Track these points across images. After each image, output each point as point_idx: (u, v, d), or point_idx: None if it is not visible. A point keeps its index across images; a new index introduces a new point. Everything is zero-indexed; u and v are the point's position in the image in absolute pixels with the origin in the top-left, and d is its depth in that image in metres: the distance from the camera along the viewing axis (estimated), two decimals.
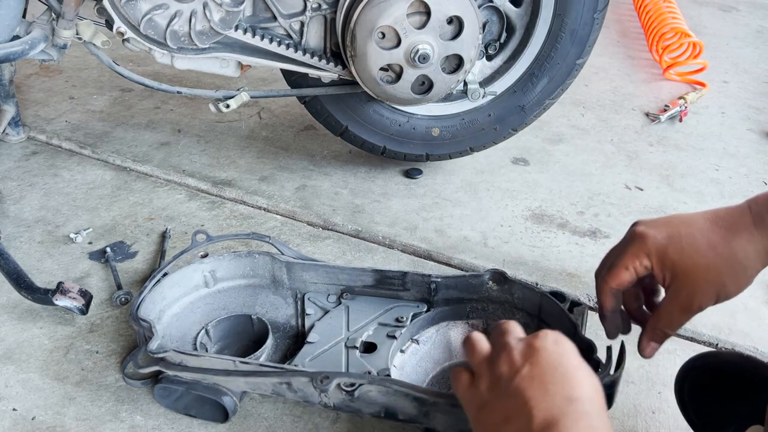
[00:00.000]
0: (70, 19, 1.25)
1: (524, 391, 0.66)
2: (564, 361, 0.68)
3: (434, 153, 1.56)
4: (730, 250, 0.78)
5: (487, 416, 0.69)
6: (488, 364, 0.72)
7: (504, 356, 0.70)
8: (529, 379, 0.66)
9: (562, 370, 0.67)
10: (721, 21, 2.85)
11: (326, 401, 0.92)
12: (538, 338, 0.70)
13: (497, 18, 1.43)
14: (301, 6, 1.31)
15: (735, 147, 1.87)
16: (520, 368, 0.68)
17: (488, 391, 0.70)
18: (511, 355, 0.70)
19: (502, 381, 0.68)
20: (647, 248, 0.81)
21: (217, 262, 1.14)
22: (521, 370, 0.67)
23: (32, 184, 1.51)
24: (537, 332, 0.72)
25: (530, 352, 0.69)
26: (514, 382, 0.67)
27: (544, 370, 0.67)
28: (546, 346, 0.69)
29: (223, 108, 1.40)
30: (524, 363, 0.68)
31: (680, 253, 0.80)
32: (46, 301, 1.11)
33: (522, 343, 0.71)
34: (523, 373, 0.67)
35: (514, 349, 0.70)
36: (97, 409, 1.01)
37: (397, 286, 1.10)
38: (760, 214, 0.79)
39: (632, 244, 0.83)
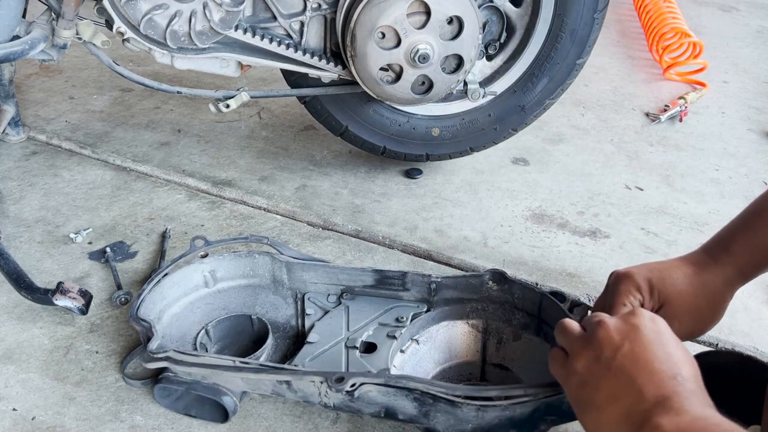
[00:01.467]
0: (70, 19, 1.25)
1: (629, 369, 0.66)
2: (664, 339, 0.69)
3: (434, 153, 1.56)
4: (701, 281, 0.88)
5: (590, 394, 0.69)
6: (584, 342, 0.72)
7: (601, 333, 0.70)
8: (632, 357, 0.67)
9: (663, 349, 0.67)
10: (721, 21, 2.85)
11: (326, 401, 0.92)
12: (636, 315, 0.70)
13: (497, 18, 1.43)
14: (301, 6, 1.31)
15: (735, 147, 1.87)
16: (621, 345, 0.68)
17: (586, 369, 0.70)
18: (609, 332, 0.69)
19: (602, 359, 0.68)
20: (636, 283, 0.88)
21: (217, 262, 1.14)
22: (622, 348, 0.67)
23: (32, 184, 1.51)
24: (632, 310, 0.72)
25: (629, 330, 0.69)
26: (616, 360, 0.67)
27: (646, 347, 0.67)
28: (645, 323, 0.69)
29: (223, 108, 1.40)
30: (623, 340, 0.68)
31: (663, 283, 0.88)
32: (46, 301, 1.11)
33: (619, 320, 0.71)
34: (624, 351, 0.67)
35: (610, 326, 0.70)
36: (97, 409, 1.01)
37: (397, 286, 1.10)
38: (715, 254, 0.90)
39: (622, 283, 0.89)
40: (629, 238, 1.46)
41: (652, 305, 0.88)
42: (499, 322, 1.07)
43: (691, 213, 1.56)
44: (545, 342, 1.03)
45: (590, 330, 0.73)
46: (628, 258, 1.39)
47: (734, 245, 0.89)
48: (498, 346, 1.07)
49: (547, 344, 1.02)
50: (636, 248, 1.43)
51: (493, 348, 1.07)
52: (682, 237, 1.47)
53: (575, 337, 0.74)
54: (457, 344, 1.08)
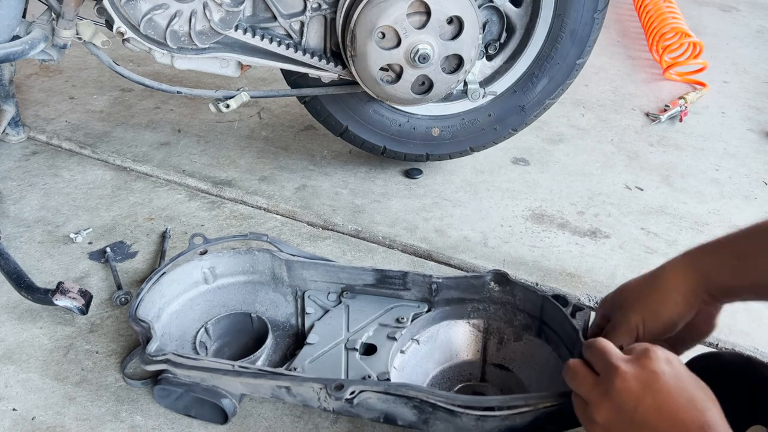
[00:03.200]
0: (70, 19, 1.25)
1: (654, 423, 0.65)
2: (684, 384, 0.67)
3: (434, 153, 1.56)
4: (654, 275, 0.88)
5: None
6: (601, 393, 0.70)
7: (619, 383, 0.68)
8: (655, 411, 0.65)
9: (686, 395, 0.66)
10: (721, 21, 2.85)
11: (326, 406, 0.92)
12: (652, 360, 0.68)
13: (497, 18, 1.43)
14: (301, 6, 1.31)
15: (735, 147, 1.87)
16: (642, 398, 0.66)
17: (608, 421, 0.69)
18: (627, 382, 0.68)
19: (624, 412, 0.67)
20: (603, 304, 0.94)
21: (217, 258, 1.14)
22: (644, 400, 0.66)
23: (32, 184, 1.51)
24: (644, 350, 0.70)
25: (648, 378, 0.67)
26: (639, 414, 0.66)
27: (668, 397, 0.66)
28: (663, 369, 0.68)
29: (223, 108, 1.40)
30: (644, 391, 0.66)
31: (616, 292, 0.92)
32: (46, 301, 1.11)
33: (635, 366, 0.69)
34: (647, 404, 0.66)
35: (628, 375, 0.68)
36: (97, 409, 1.01)
37: (398, 285, 1.10)
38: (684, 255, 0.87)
39: (596, 313, 0.95)
40: (629, 238, 1.46)
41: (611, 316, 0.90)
42: (500, 322, 1.07)
43: (691, 213, 1.56)
44: (546, 344, 1.03)
45: (606, 378, 0.71)
46: (628, 258, 1.39)
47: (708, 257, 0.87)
48: (499, 346, 1.07)
49: (548, 346, 1.02)
50: (636, 248, 1.43)
51: (493, 348, 1.07)
52: (682, 237, 1.47)
53: (590, 385, 0.73)
54: (458, 344, 1.08)
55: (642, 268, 1.35)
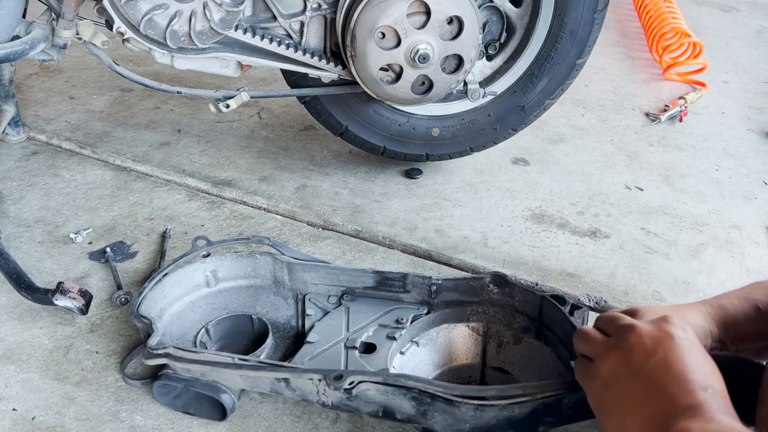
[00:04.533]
0: (70, 19, 1.25)
1: (660, 376, 0.66)
2: (696, 350, 0.69)
3: (434, 153, 1.56)
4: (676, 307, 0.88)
5: (614, 396, 0.69)
6: (610, 345, 0.72)
7: (633, 337, 0.70)
8: (664, 365, 0.67)
9: (696, 359, 0.68)
10: (721, 21, 2.85)
11: (324, 400, 0.92)
12: (669, 323, 0.70)
13: (497, 18, 1.43)
14: (301, 6, 1.31)
15: (735, 147, 1.87)
16: (653, 352, 0.68)
17: (612, 372, 0.70)
18: (642, 337, 0.70)
19: (632, 363, 0.68)
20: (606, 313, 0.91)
21: (219, 261, 1.14)
22: (655, 354, 0.68)
23: (32, 184, 1.51)
24: (662, 317, 0.72)
25: (662, 337, 0.69)
26: (647, 366, 0.67)
27: (679, 356, 0.67)
28: (678, 333, 0.70)
29: (223, 108, 1.40)
30: (656, 347, 0.68)
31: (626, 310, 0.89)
32: (46, 301, 1.11)
33: (652, 326, 0.71)
34: (657, 358, 0.67)
35: (643, 331, 0.70)
36: (97, 409, 1.01)
37: (398, 287, 1.10)
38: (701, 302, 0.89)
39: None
40: (629, 238, 1.46)
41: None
42: (499, 325, 1.07)
43: (691, 213, 1.56)
44: (545, 346, 1.03)
45: (619, 333, 0.73)
46: (628, 258, 1.39)
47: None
48: (498, 349, 1.07)
49: (548, 348, 1.02)
50: (636, 248, 1.43)
51: (493, 351, 1.07)
52: (682, 237, 1.47)
53: (600, 341, 0.74)
54: (457, 347, 1.08)
55: (642, 268, 1.36)
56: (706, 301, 0.92)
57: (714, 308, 0.90)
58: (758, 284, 0.92)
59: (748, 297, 0.90)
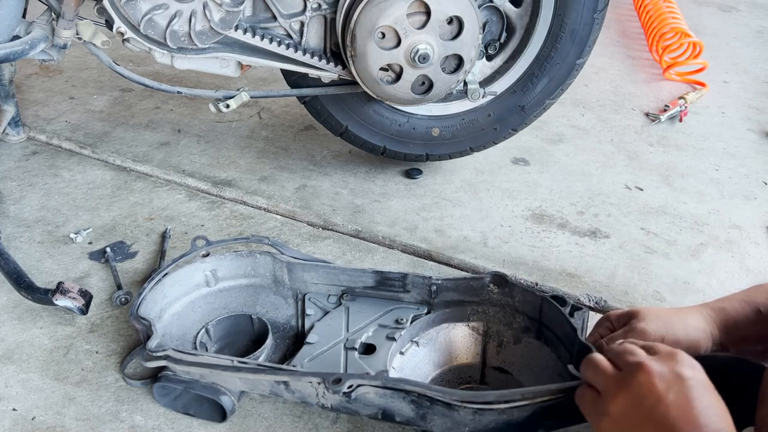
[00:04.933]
0: (70, 19, 1.25)
1: (674, 420, 0.66)
2: (706, 392, 0.69)
3: (434, 153, 1.56)
4: (677, 309, 0.92)
5: None
6: (620, 384, 0.71)
7: (643, 377, 0.69)
8: (677, 410, 0.66)
9: (706, 402, 0.67)
10: (721, 21, 2.85)
11: (324, 402, 0.92)
12: (678, 363, 0.70)
13: (497, 18, 1.43)
14: (301, 6, 1.31)
15: (735, 147, 1.87)
16: (665, 396, 0.67)
17: (623, 413, 0.69)
18: (652, 378, 0.69)
19: (643, 406, 0.68)
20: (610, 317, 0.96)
21: (219, 261, 1.14)
22: (666, 398, 0.67)
23: (32, 184, 1.51)
24: (671, 352, 0.71)
25: (673, 380, 0.68)
26: (659, 411, 0.67)
27: (690, 400, 0.67)
28: (689, 374, 0.69)
29: (223, 108, 1.40)
30: (668, 391, 0.68)
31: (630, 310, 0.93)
32: (46, 301, 1.11)
33: (661, 365, 0.70)
34: (669, 402, 0.67)
35: (653, 372, 0.69)
36: (97, 409, 1.01)
37: (398, 287, 1.10)
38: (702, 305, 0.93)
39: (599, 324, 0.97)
40: (629, 238, 1.46)
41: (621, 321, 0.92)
42: (499, 325, 1.07)
43: (691, 213, 1.56)
44: (545, 346, 1.03)
45: (628, 371, 0.72)
46: (628, 258, 1.39)
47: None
48: (498, 349, 1.07)
49: (547, 348, 1.02)
50: (636, 248, 1.43)
51: (493, 351, 1.07)
52: (682, 237, 1.47)
53: (610, 375, 0.73)
54: (457, 347, 1.08)
55: (642, 268, 1.36)
56: (708, 304, 0.92)
57: (715, 311, 0.90)
58: (759, 287, 0.92)
59: (749, 300, 0.90)
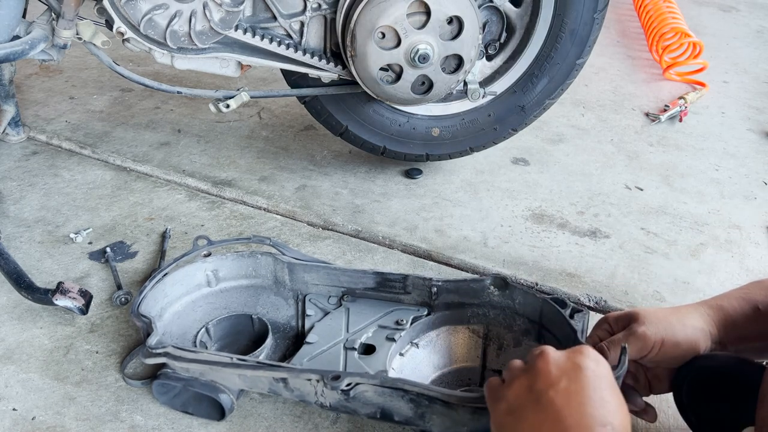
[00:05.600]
0: (70, 19, 1.25)
1: (560, 406, 0.65)
2: (602, 385, 0.67)
3: (434, 153, 1.56)
4: (675, 309, 0.93)
5: (514, 423, 0.68)
6: (520, 371, 0.71)
7: (540, 364, 0.69)
8: (565, 395, 0.65)
9: (600, 394, 0.66)
10: (721, 21, 2.85)
11: (322, 401, 0.92)
12: (581, 354, 0.69)
13: (497, 18, 1.43)
14: (301, 6, 1.31)
15: (735, 147, 1.87)
16: (557, 381, 0.67)
17: (516, 397, 0.69)
18: (548, 364, 0.69)
19: (535, 390, 0.67)
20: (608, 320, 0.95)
21: (220, 261, 1.14)
22: (558, 384, 0.66)
23: (32, 184, 1.51)
24: (578, 347, 0.71)
25: (569, 367, 0.68)
26: (548, 394, 0.66)
27: (582, 389, 0.66)
28: (588, 365, 0.68)
29: (223, 108, 1.40)
30: (561, 376, 0.67)
31: (629, 312, 0.92)
32: (46, 301, 1.11)
33: (563, 355, 0.70)
34: (559, 387, 0.66)
35: (551, 359, 0.69)
36: (97, 409, 1.01)
37: (398, 289, 1.10)
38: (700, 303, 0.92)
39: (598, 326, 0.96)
40: (629, 238, 1.46)
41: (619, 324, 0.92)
42: (500, 327, 1.07)
43: (691, 213, 1.56)
44: None
45: (530, 360, 0.72)
46: (628, 258, 1.39)
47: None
48: (498, 351, 1.07)
49: None
50: (636, 248, 1.43)
51: (493, 354, 1.07)
52: (682, 237, 1.47)
53: (515, 366, 0.74)
54: (457, 349, 1.08)
55: (642, 268, 1.36)
56: (706, 302, 0.92)
57: (713, 309, 0.90)
58: (757, 284, 0.92)
59: (747, 297, 0.89)
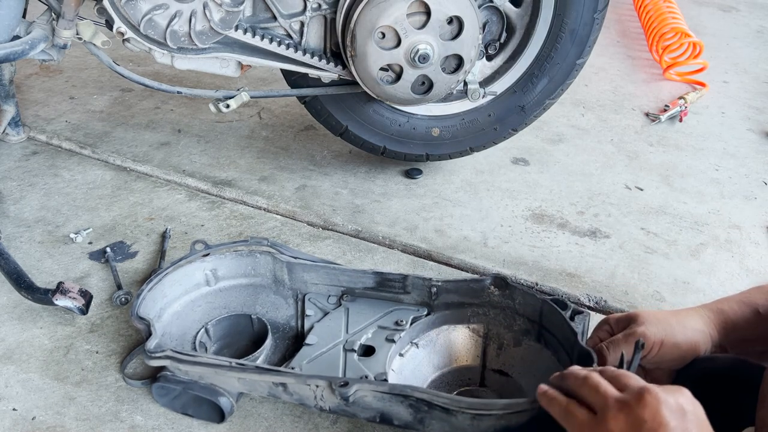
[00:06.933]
0: (70, 19, 1.25)
1: None
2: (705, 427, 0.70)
3: (434, 153, 1.56)
4: (676, 311, 0.93)
5: None
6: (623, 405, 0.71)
7: (650, 402, 0.70)
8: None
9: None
10: (721, 21, 2.85)
11: (321, 405, 0.92)
12: (682, 396, 0.71)
13: (497, 18, 1.43)
14: (301, 6, 1.31)
15: (735, 147, 1.87)
16: (668, 423, 0.68)
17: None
18: (659, 405, 0.70)
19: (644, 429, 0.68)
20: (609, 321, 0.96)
21: (219, 260, 1.14)
22: (668, 426, 0.68)
23: (32, 184, 1.51)
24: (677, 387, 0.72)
25: (677, 410, 0.69)
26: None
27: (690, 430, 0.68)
28: (691, 409, 0.70)
29: (223, 108, 1.40)
30: (670, 419, 0.68)
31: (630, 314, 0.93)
32: (46, 301, 1.11)
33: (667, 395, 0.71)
34: (670, 430, 0.68)
35: (661, 399, 0.70)
36: (97, 409, 1.01)
37: (398, 289, 1.10)
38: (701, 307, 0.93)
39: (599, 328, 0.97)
40: (629, 238, 1.46)
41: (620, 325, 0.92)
42: (500, 327, 1.07)
43: (691, 213, 1.56)
44: (546, 348, 1.03)
45: (634, 395, 0.72)
46: (628, 258, 1.39)
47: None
48: (498, 351, 1.07)
49: (548, 351, 1.02)
50: (636, 248, 1.43)
51: (493, 353, 1.07)
52: (682, 237, 1.47)
53: (610, 395, 0.73)
54: (457, 349, 1.07)
55: (642, 268, 1.36)
56: (706, 306, 0.92)
57: (714, 313, 0.90)
58: (758, 288, 0.92)
59: (748, 301, 0.90)
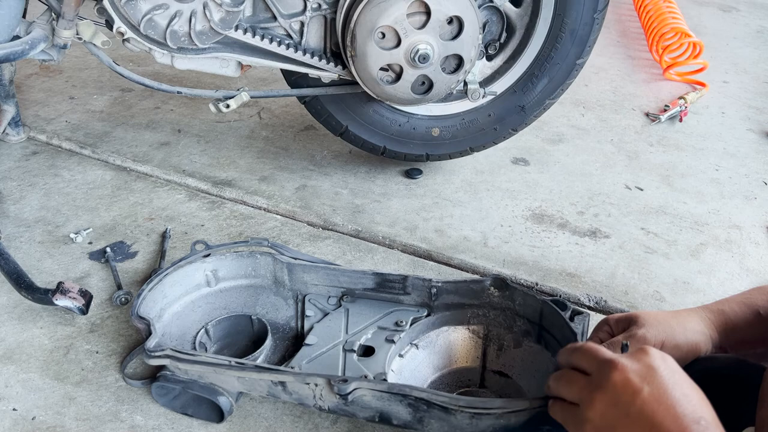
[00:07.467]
0: (70, 19, 1.25)
1: (651, 414, 0.65)
2: (680, 380, 0.68)
3: (434, 153, 1.56)
4: (676, 312, 0.92)
5: None
6: (594, 387, 0.70)
7: (617, 376, 0.69)
8: (653, 402, 0.65)
9: (681, 390, 0.67)
10: (721, 21, 2.85)
11: (321, 404, 0.92)
12: (648, 355, 0.69)
13: (497, 18, 1.43)
14: (301, 6, 1.31)
15: (735, 147, 1.87)
16: (640, 389, 0.67)
17: (602, 415, 0.69)
18: (626, 374, 0.68)
19: (620, 404, 0.67)
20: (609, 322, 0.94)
21: (219, 261, 1.14)
22: (641, 392, 0.66)
23: (32, 184, 1.51)
24: (640, 348, 0.71)
25: (645, 371, 0.68)
26: (636, 405, 0.66)
27: (665, 390, 0.66)
28: (659, 363, 0.68)
29: (223, 108, 1.40)
30: (642, 383, 0.67)
31: (629, 314, 0.92)
32: (46, 301, 1.11)
33: (632, 361, 0.69)
34: (644, 395, 0.66)
35: (624, 368, 0.69)
36: (97, 409, 1.01)
37: (398, 289, 1.10)
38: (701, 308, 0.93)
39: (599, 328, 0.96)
40: (629, 238, 1.46)
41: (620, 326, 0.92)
42: (500, 328, 1.07)
43: (691, 213, 1.56)
44: (546, 350, 1.03)
45: (601, 372, 0.71)
46: (628, 258, 1.39)
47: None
48: (498, 352, 1.07)
49: (548, 352, 1.02)
50: (636, 248, 1.43)
51: (493, 354, 1.07)
52: (682, 237, 1.47)
53: (583, 383, 0.73)
54: (457, 350, 1.07)
55: (642, 268, 1.36)
56: (706, 307, 0.92)
57: (714, 314, 0.90)
58: (759, 289, 0.92)
59: (748, 302, 0.89)
